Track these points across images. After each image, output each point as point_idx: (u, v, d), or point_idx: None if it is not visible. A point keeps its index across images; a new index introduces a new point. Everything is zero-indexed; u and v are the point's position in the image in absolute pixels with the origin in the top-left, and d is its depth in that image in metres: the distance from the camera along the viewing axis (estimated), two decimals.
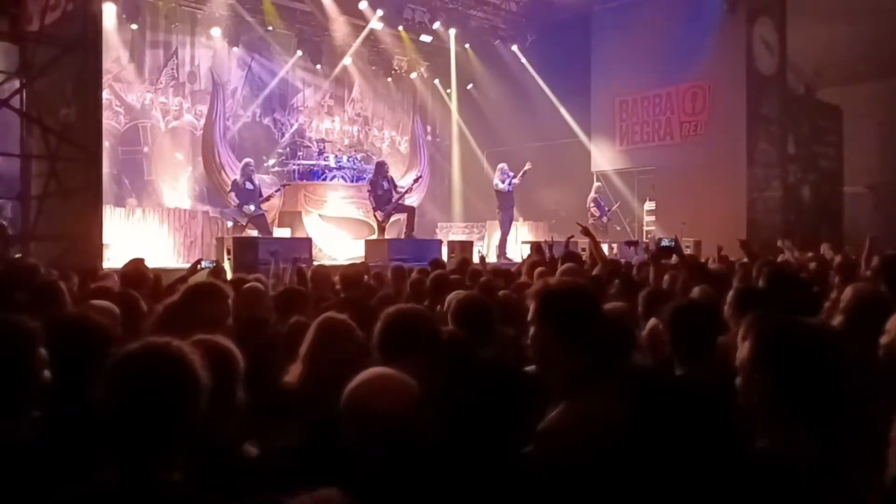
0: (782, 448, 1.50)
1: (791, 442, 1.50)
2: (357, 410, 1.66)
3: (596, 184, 14.13)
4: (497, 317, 2.91)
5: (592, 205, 13.70)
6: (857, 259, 5.77)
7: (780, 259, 6.73)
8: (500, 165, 12.98)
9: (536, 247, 5.73)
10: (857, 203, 15.83)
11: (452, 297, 3.40)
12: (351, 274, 4.88)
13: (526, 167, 12.53)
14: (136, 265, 5.09)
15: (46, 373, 1.92)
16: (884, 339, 2.32)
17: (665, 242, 5.19)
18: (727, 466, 1.48)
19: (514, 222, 13.33)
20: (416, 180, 13.27)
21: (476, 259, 6.85)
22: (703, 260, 6.33)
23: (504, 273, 5.58)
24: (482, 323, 2.77)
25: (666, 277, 4.56)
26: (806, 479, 1.43)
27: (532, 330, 1.99)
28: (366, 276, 5.53)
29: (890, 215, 14.87)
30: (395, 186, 11.89)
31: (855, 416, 1.55)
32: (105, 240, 8.76)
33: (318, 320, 2.44)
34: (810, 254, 7.69)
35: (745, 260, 5.94)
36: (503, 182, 12.58)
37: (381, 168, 11.98)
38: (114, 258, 8.68)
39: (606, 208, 13.88)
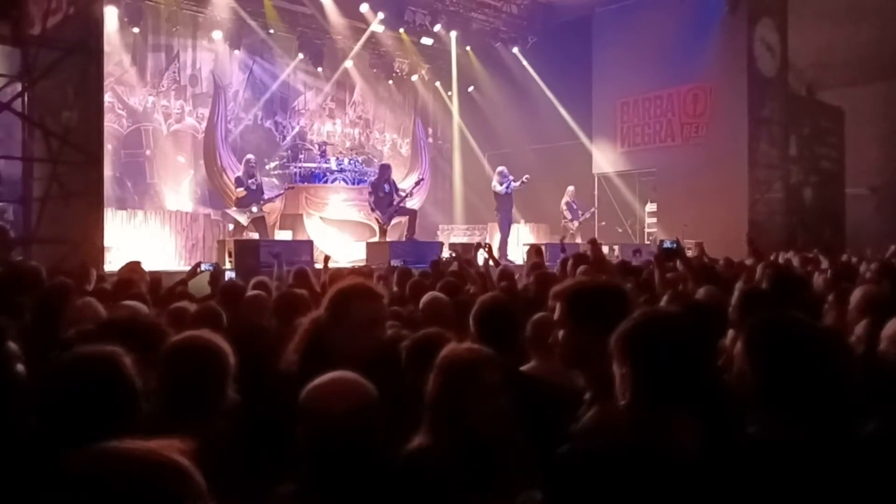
0: (770, 433, 1.56)
1: (778, 427, 1.55)
2: (312, 410, 1.67)
3: (570, 188, 14.04)
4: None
5: (564, 208, 13.67)
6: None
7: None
8: (499, 168, 12.98)
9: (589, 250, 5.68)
10: (859, 204, 15.81)
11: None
12: (363, 276, 4.85)
13: (524, 178, 12.54)
14: (133, 268, 5.10)
15: (20, 367, 1.95)
16: (882, 346, 2.32)
17: (667, 244, 5.14)
18: (722, 456, 1.53)
19: (514, 224, 13.33)
20: (417, 183, 13.27)
21: (480, 261, 6.82)
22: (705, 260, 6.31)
23: (509, 275, 5.57)
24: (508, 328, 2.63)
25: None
26: (791, 462, 1.48)
27: (561, 333, 1.93)
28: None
29: (892, 216, 14.85)
30: (397, 189, 11.89)
31: (844, 405, 1.61)
32: (107, 243, 8.76)
33: (442, 359, 1.86)
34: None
35: (748, 261, 5.93)
36: (501, 185, 12.59)
37: (384, 171, 11.99)
38: (115, 261, 8.68)
39: (580, 212, 13.80)
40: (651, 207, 14.72)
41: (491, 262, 6.42)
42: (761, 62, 13.50)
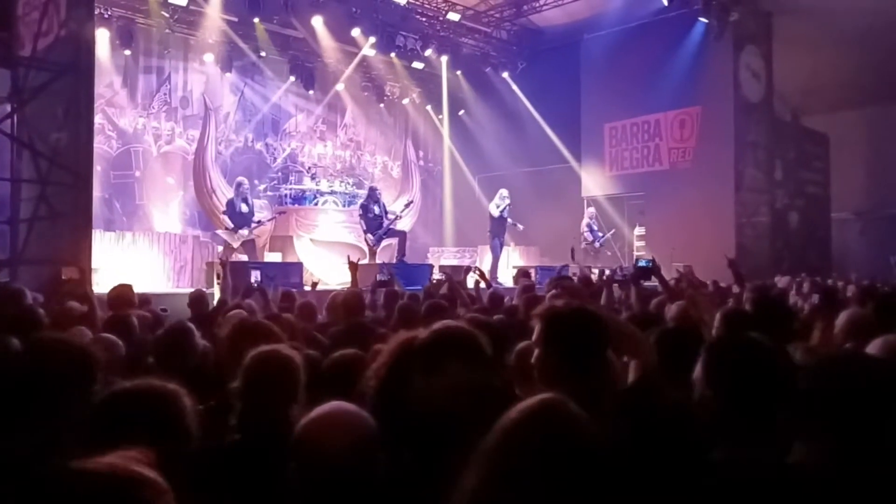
0: (731, 457, 1.55)
1: (739, 451, 1.55)
2: (308, 445, 1.58)
3: (590, 209, 14.21)
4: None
5: (586, 230, 13.77)
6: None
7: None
8: (501, 191, 12.98)
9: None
10: (844, 229, 15.98)
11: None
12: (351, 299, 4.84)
13: (519, 227, 12.91)
14: (123, 290, 5.08)
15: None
16: None
17: (642, 263, 5.12)
18: (688, 481, 1.51)
19: (505, 247, 13.38)
20: (407, 205, 13.31)
21: (470, 284, 6.85)
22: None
23: (499, 298, 5.60)
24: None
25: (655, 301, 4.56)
26: (754, 487, 1.45)
27: (536, 351, 1.98)
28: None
29: (877, 241, 15.01)
30: (387, 212, 11.94)
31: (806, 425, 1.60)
32: (94, 264, 8.71)
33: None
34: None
35: (735, 289, 5.95)
36: (498, 207, 12.64)
37: (372, 193, 12.05)
38: (103, 283, 8.63)
39: (600, 234, 13.92)
40: (639, 231, 14.80)
41: (483, 284, 6.44)
42: (747, 88, 13.69)
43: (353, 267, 6.06)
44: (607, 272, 5.44)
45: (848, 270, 12.45)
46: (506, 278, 12.58)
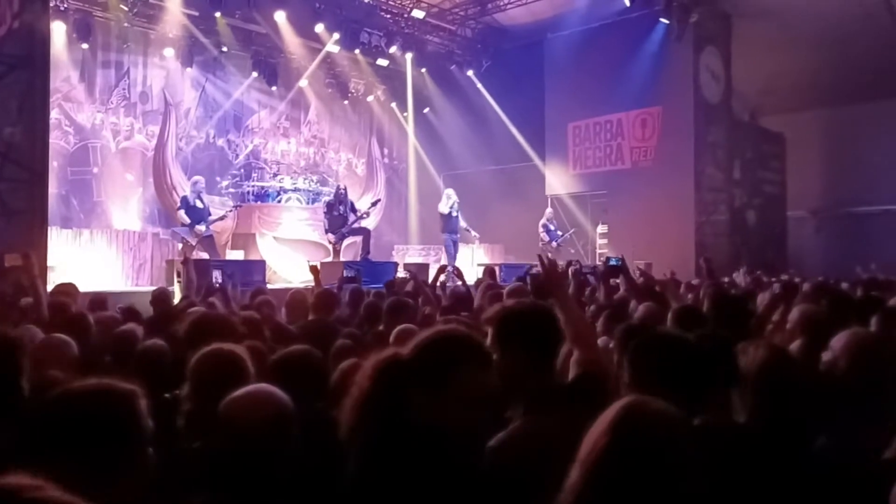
0: None
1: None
2: (229, 421, 1.71)
3: (548, 210, 14.30)
4: None
5: (542, 230, 13.87)
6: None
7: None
8: (446, 191, 13.01)
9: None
10: (800, 227, 16.38)
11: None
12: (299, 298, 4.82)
13: (475, 235, 13.14)
14: (65, 290, 4.97)
15: None
16: (826, 356, 2.40)
17: (613, 261, 5.24)
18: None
19: (470, 245, 13.41)
20: (374, 203, 13.24)
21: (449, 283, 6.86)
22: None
23: (463, 296, 5.61)
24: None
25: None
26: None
27: (493, 356, 1.97)
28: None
29: (832, 238, 15.42)
30: (354, 210, 11.87)
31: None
32: (50, 262, 8.52)
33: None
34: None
35: (694, 281, 6.07)
36: (447, 205, 12.64)
37: (338, 193, 11.99)
38: (59, 281, 8.43)
39: (558, 234, 14.03)
40: (602, 229, 14.99)
41: (459, 283, 6.48)
42: (706, 89, 13.93)
43: (315, 270, 6.07)
44: (573, 267, 5.53)
45: (804, 267, 12.78)
46: (468, 277, 12.56)
